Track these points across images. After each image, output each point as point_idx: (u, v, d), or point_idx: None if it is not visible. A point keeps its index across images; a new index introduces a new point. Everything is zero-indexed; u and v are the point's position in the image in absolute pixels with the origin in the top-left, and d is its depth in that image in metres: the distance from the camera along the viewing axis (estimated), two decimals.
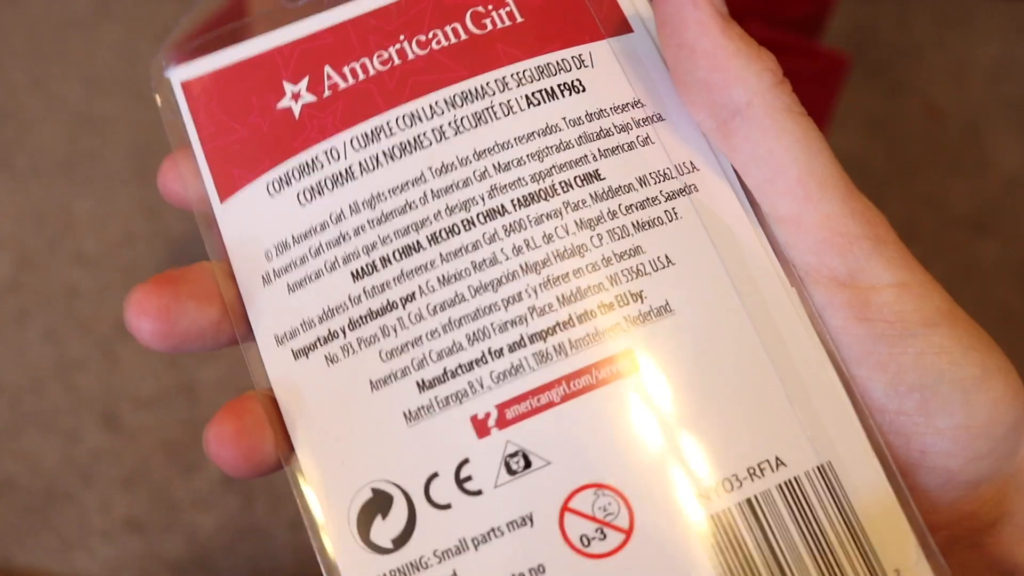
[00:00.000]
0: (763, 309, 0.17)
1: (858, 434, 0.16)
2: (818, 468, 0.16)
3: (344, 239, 0.17)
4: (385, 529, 0.16)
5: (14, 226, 0.67)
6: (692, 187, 0.17)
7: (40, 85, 0.71)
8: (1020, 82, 0.73)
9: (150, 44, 0.67)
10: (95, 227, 0.67)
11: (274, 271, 0.18)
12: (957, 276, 0.66)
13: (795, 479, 0.16)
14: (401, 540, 0.16)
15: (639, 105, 0.18)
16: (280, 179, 0.18)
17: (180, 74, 0.19)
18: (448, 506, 0.16)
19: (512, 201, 0.17)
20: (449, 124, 0.17)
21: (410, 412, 0.16)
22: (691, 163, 0.18)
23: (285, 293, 0.17)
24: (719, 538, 0.15)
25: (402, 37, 0.18)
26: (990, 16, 0.75)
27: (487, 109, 0.18)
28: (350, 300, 0.17)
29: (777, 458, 0.16)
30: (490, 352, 0.16)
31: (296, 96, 0.18)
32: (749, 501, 0.16)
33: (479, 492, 0.16)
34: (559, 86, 0.18)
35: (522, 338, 0.16)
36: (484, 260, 0.17)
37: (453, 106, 0.18)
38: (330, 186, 0.18)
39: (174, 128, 0.19)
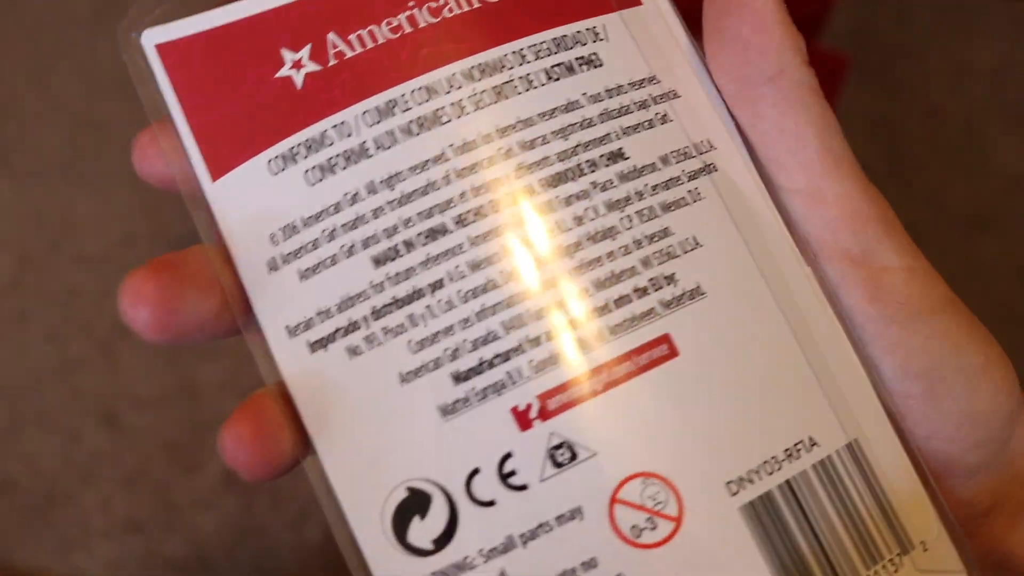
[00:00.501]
0: (785, 289, 0.17)
1: (878, 412, 0.17)
2: (847, 446, 0.16)
3: (361, 221, 0.16)
4: (424, 530, 0.15)
5: (14, 226, 0.67)
6: (711, 166, 0.17)
7: (40, 85, 0.71)
8: (1020, 82, 0.73)
9: None
10: (95, 227, 0.67)
11: (282, 256, 0.16)
12: (957, 276, 0.66)
13: (828, 458, 0.16)
14: (443, 540, 0.15)
15: (655, 81, 0.17)
16: (284, 156, 0.16)
17: (154, 36, 0.17)
18: (492, 503, 0.15)
19: (540, 181, 0.16)
20: (469, 98, 0.17)
21: (446, 405, 0.15)
22: (708, 142, 0.17)
23: (296, 280, 0.16)
24: (764, 520, 0.15)
25: (411, 3, 0.17)
26: (990, 16, 0.75)
27: (507, 83, 0.17)
28: (372, 287, 0.16)
29: (811, 438, 0.16)
30: (528, 340, 0.16)
31: (298, 65, 0.17)
32: (789, 482, 0.16)
33: (525, 487, 0.15)
34: (576, 60, 0.17)
35: (560, 325, 0.16)
36: (515, 243, 0.16)
37: (471, 79, 0.17)
38: (343, 164, 0.16)
39: (149, 98, 0.17)
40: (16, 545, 0.59)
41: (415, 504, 0.15)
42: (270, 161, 0.17)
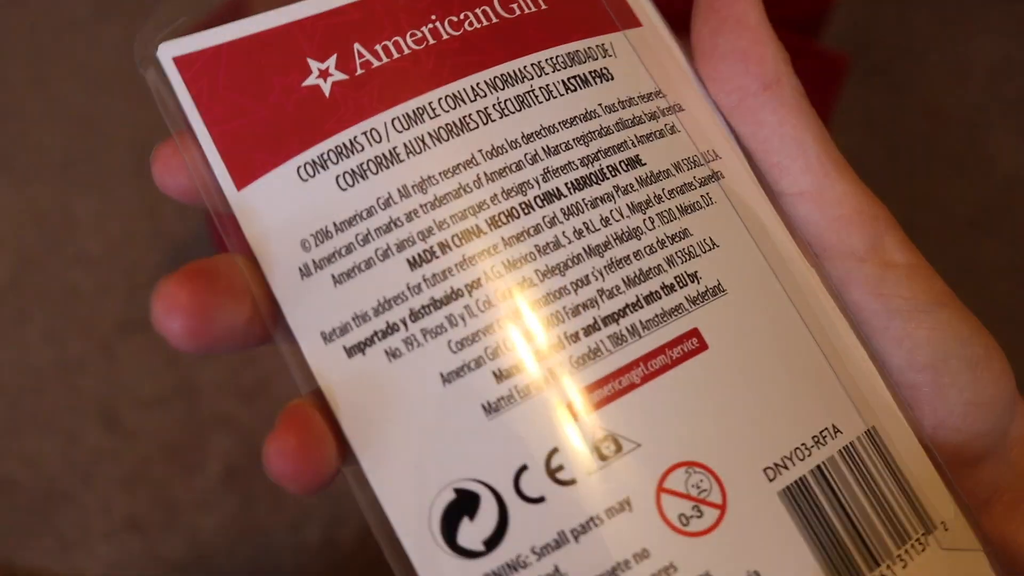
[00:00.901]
0: (796, 287, 0.17)
1: (888, 402, 0.17)
2: (866, 433, 0.17)
3: (396, 225, 0.16)
4: (474, 531, 0.15)
5: (14, 226, 0.67)
6: (719, 174, 0.18)
7: (40, 85, 0.71)
8: (1020, 82, 0.73)
9: None
10: (95, 227, 0.67)
11: (314, 262, 0.16)
12: (957, 276, 0.66)
13: (851, 444, 0.17)
14: (494, 541, 0.15)
15: (661, 95, 0.18)
16: (314, 162, 0.17)
17: (171, 49, 0.17)
18: (542, 499, 0.15)
19: (567, 184, 0.17)
20: (494, 106, 0.17)
21: (489, 404, 0.16)
22: (713, 151, 0.18)
23: (330, 285, 0.16)
24: (801, 504, 0.16)
25: (433, 17, 0.18)
26: (990, 16, 0.75)
27: (528, 93, 0.17)
28: (409, 289, 0.16)
29: (834, 426, 0.17)
30: (566, 337, 0.16)
31: (324, 74, 0.17)
32: (820, 468, 0.16)
33: (573, 481, 0.15)
34: (590, 73, 0.18)
35: (595, 321, 0.16)
36: (548, 244, 0.16)
37: (495, 88, 0.17)
38: (374, 169, 0.17)
39: (168, 111, 0.17)
40: (16, 545, 0.59)
41: (463, 505, 0.15)
42: (299, 168, 0.17)
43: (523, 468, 0.15)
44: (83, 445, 0.61)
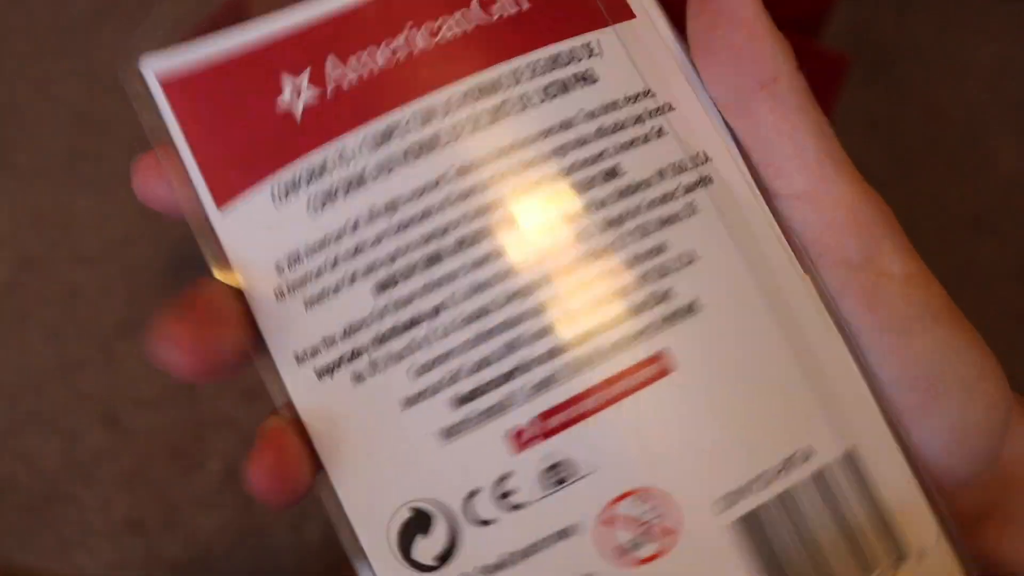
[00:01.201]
0: (781, 299, 0.17)
1: (877, 420, 0.17)
2: (844, 455, 0.16)
3: (363, 249, 0.16)
4: (427, 547, 0.16)
5: (14, 226, 0.67)
6: (707, 178, 0.17)
7: (40, 85, 0.71)
8: (1020, 82, 0.73)
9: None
10: (95, 227, 0.67)
11: (287, 285, 0.16)
12: (957, 276, 0.66)
13: (825, 467, 0.16)
14: (444, 557, 0.16)
15: (650, 95, 0.17)
16: (285, 185, 0.16)
17: (154, 64, 0.17)
18: (491, 521, 0.16)
19: (538, 202, 0.16)
20: (466, 120, 0.16)
21: (446, 429, 0.16)
22: (704, 153, 0.17)
23: (302, 309, 0.16)
24: (757, 534, 0.16)
25: (409, 24, 0.17)
26: (990, 16, 0.75)
27: (504, 103, 0.17)
28: (374, 314, 0.16)
29: (807, 448, 0.16)
30: (526, 362, 0.16)
31: (297, 91, 0.17)
32: (783, 495, 0.16)
33: (521, 506, 0.16)
34: (572, 77, 0.17)
35: (555, 347, 0.16)
36: (514, 266, 0.16)
37: (469, 101, 0.17)
38: (343, 191, 0.16)
39: (150, 124, 0.17)
40: (16, 545, 0.59)
41: (418, 523, 0.16)
42: (273, 190, 0.16)
43: (475, 491, 0.16)
44: (83, 445, 0.61)
